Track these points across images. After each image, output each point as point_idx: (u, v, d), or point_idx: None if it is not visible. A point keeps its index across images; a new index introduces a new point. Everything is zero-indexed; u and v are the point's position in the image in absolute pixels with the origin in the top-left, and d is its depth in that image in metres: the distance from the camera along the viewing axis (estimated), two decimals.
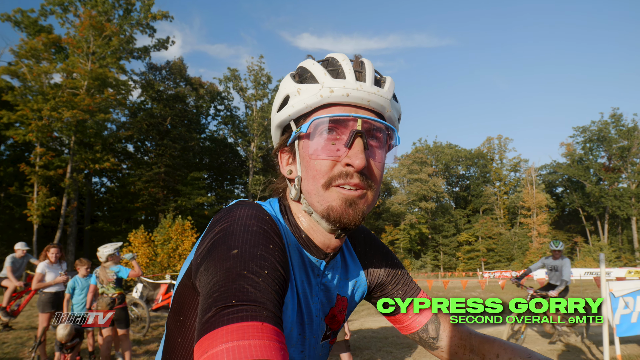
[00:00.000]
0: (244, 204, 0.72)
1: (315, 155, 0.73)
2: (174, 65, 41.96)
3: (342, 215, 0.72)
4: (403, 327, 0.97)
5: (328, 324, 0.87)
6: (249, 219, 0.67)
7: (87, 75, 26.14)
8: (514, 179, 60.64)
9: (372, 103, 0.74)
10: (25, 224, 27.64)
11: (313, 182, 0.74)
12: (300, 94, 0.75)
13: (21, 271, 8.04)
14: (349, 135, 0.72)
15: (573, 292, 18.86)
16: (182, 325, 0.74)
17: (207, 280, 0.59)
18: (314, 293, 0.82)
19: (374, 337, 7.95)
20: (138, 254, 25.14)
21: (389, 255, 1.00)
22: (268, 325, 0.52)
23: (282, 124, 0.80)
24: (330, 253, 0.82)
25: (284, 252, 0.67)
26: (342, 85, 0.72)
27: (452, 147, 63.05)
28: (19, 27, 29.44)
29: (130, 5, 31.84)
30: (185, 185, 36.47)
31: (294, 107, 0.76)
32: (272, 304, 0.56)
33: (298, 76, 0.78)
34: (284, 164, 0.82)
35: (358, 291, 0.94)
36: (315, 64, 0.76)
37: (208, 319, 0.53)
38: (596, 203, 52.89)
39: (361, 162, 0.70)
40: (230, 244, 0.62)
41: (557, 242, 7.40)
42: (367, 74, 0.74)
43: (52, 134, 26.59)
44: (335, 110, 0.73)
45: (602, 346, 5.96)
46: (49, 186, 26.26)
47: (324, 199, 0.73)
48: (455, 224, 57.14)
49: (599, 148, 54.24)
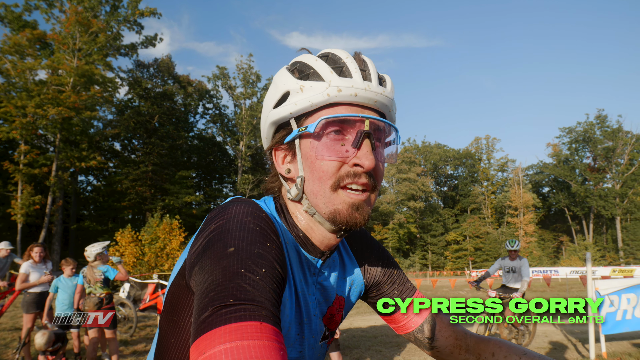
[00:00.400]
0: (240, 201, 0.70)
1: (323, 155, 0.71)
2: (161, 63, 41.51)
3: (349, 219, 0.71)
4: (398, 327, 0.96)
5: (326, 324, 0.86)
6: (245, 216, 0.65)
7: (73, 72, 25.70)
8: (501, 178, 61.50)
9: (378, 103, 0.73)
10: (9, 222, 27.13)
11: (319, 184, 0.72)
12: (303, 91, 0.72)
13: (5, 271, 7.85)
14: (356, 135, 0.71)
15: (559, 291, 19.20)
16: (176, 325, 0.73)
17: (203, 279, 0.58)
18: (311, 292, 0.81)
19: (363, 336, 7.97)
20: (125, 253, 24.84)
21: (385, 255, 0.99)
22: (267, 325, 0.51)
23: (280, 121, 0.77)
24: (327, 251, 0.81)
25: (281, 250, 0.65)
26: (350, 84, 0.71)
27: (441, 147, 63.62)
28: (2, 22, 28.83)
29: (118, 1, 31.43)
30: (173, 184, 36.14)
31: (297, 105, 0.73)
32: (271, 303, 0.55)
33: (298, 72, 0.75)
34: (280, 162, 0.80)
35: (355, 291, 0.93)
36: (319, 60, 0.74)
37: (205, 319, 0.51)
38: (582, 203, 53.91)
39: (371, 163, 0.69)
40: (227, 242, 0.60)
41: (512, 242, 7.04)
42: (372, 74, 0.74)
43: (37, 131, 26.13)
44: (340, 110, 0.72)
45: (589, 344, 6.09)
46: (33, 184, 25.82)
47: (330, 202, 0.72)
48: (444, 223, 57.68)
49: (584, 149, 55.31)
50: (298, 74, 0.75)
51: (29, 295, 5.96)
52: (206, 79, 44.08)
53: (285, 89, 0.74)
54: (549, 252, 54.25)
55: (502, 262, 7.17)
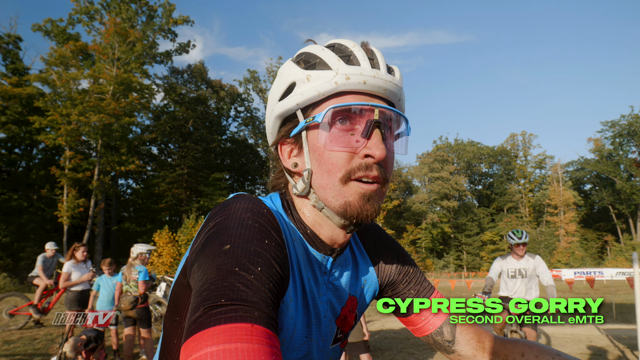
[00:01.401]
0: (242, 197, 0.69)
1: (331, 146, 0.68)
2: (195, 69, 42.74)
3: (360, 211, 0.68)
4: (416, 330, 0.91)
5: (339, 326, 0.82)
6: (245, 212, 0.63)
7: (113, 80, 26.93)
8: (539, 176, 59.00)
9: (387, 92, 0.71)
10: (56, 224, 28.72)
11: (328, 176, 0.69)
12: (310, 81, 0.70)
13: (52, 270, 8.35)
14: (365, 125, 0.68)
15: (604, 294, 18.19)
16: (179, 325, 0.71)
17: (199, 278, 0.56)
18: (321, 292, 0.77)
19: (395, 338, 7.88)
20: (163, 253, 25.71)
21: (401, 252, 0.95)
22: (259, 327, 0.49)
23: (286, 113, 0.74)
24: (337, 249, 0.77)
25: (282, 248, 0.63)
26: (358, 72, 0.68)
27: (474, 144, 61.85)
28: (48, 36, 30.66)
29: (153, 11, 32.65)
30: (207, 186, 37.08)
31: (304, 95, 0.70)
32: (265, 303, 0.53)
33: (304, 62, 0.72)
34: (287, 157, 0.77)
35: (369, 290, 0.89)
36: (325, 49, 0.71)
37: (195, 319, 0.50)
38: (627, 200, 50.83)
39: (382, 153, 0.67)
40: (223, 239, 0.58)
41: (519, 232, 5.03)
42: (380, 62, 0.71)
43: (80, 137, 27.51)
44: (348, 99, 0.69)
45: (638, 350, 5.71)
46: (77, 188, 27.19)
47: (340, 194, 0.69)
48: (479, 222, 56.03)
49: (629, 143, 52.11)
50: (304, 65, 0.72)
51: (71, 293, 6.30)
52: (237, 82, 44.99)
53: (291, 80, 0.72)
54: (592, 252, 51.53)
55: (504, 262, 5.18)
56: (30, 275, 8.20)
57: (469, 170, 62.52)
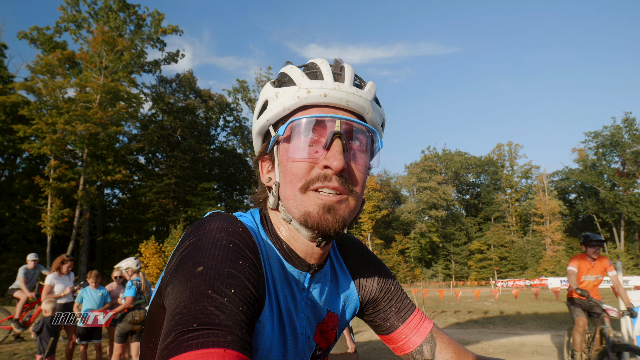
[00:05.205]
0: (218, 216, 0.68)
1: (292, 157, 0.70)
2: (183, 78, 42.64)
3: (320, 221, 0.67)
4: (397, 348, 0.92)
5: (317, 342, 0.81)
6: (219, 232, 0.63)
7: (100, 89, 26.68)
8: (525, 185, 59.95)
9: (351, 103, 0.71)
10: (39, 235, 28.07)
11: (290, 187, 0.70)
12: (278, 97, 0.72)
13: (33, 282, 8.14)
14: (327, 137, 0.69)
15: None
16: (154, 347, 0.69)
17: (172, 301, 0.55)
18: (299, 309, 0.76)
19: (384, 349, 7.84)
20: (149, 264, 25.31)
21: (382, 269, 0.94)
22: (231, 351, 0.48)
23: (262, 130, 0.77)
24: (315, 265, 0.77)
25: (256, 268, 0.63)
26: (319, 85, 0.69)
27: (462, 154, 62.69)
28: (35, 44, 30.31)
29: (141, 20, 32.58)
30: (195, 195, 36.77)
31: (272, 111, 0.73)
32: (239, 326, 0.52)
33: (277, 81, 0.76)
34: (264, 172, 0.79)
35: (349, 307, 0.88)
36: (294, 67, 0.74)
37: (167, 345, 0.49)
38: (611, 209, 51.87)
39: (339, 164, 0.66)
40: (197, 261, 0.57)
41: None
42: (346, 76, 0.72)
43: (66, 147, 27.07)
44: (313, 112, 0.70)
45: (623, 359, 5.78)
46: (62, 198, 26.66)
47: (301, 204, 0.69)
48: (467, 232, 56.53)
49: (612, 153, 53.38)
50: (277, 84, 0.75)
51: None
52: (227, 92, 45.19)
53: (265, 98, 0.75)
54: None
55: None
56: (11, 288, 7.97)
57: (456, 180, 63.21)
